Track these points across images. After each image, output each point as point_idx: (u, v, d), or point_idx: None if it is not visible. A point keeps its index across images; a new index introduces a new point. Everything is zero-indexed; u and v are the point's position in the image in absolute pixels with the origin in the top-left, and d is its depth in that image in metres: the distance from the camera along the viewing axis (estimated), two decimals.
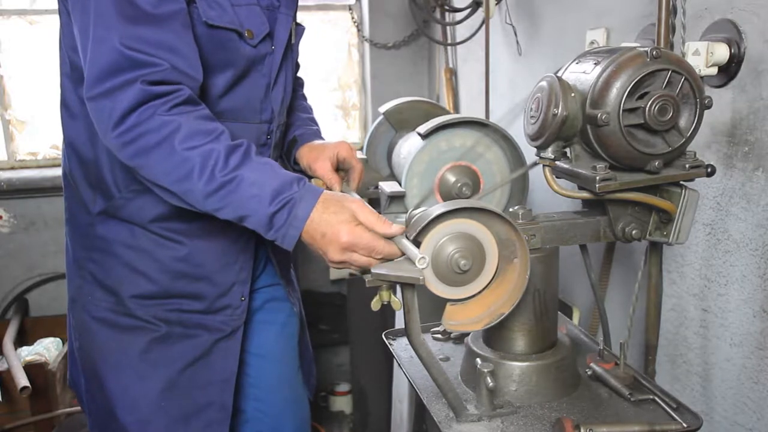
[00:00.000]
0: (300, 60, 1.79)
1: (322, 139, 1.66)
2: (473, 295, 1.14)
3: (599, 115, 1.12)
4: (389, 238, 1.17)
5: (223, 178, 1.18)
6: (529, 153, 1.40)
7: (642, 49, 1.14)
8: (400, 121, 2.15)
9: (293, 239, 1.20)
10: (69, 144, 1.43)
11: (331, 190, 1.50)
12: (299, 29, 1.57)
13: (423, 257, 1.07)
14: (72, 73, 1.36)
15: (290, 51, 1.51)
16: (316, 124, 1.72)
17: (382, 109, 2.18)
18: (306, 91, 1.85)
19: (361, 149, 2.21)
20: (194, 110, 1.23)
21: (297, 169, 1.64)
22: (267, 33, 1.39)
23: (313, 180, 1.60)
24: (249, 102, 1.42)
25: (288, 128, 1.66)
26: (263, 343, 1.66)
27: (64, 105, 1.41)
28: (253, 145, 1.26)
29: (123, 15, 1.17)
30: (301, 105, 1.74)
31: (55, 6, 1.35)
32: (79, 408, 2.40)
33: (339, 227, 1.16)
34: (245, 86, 1.40)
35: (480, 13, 2.59)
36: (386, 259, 1.16)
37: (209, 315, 1.47)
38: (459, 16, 2.79)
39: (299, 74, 1.82)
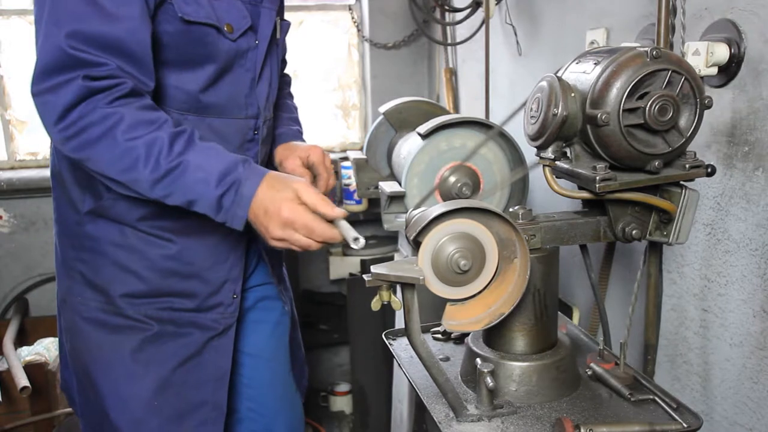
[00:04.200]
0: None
1: (302, 140, 1.67)
2: (473, 295, 1.14)
3: (599, 115, 1.12)
4: (331, 221, 1.19)
5: (168, 164, 1.20)
6: (529, 152, 1.40)
7: (642, 49, 1.14)
8: (400, 121, 2.15)
9: (242, 219, 1.23)
10: None
11: None
12: (284, 24, 1.56)
13: (357, 238, 1.10)
14: None
15: (275, 45, 1.50)
16: (298, 125, 1.73)
17: (382, 109, 2.18)
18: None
19: (361, 149, 2.21)
20: (136, 101, 1.23)
21: (272, 167, 1.65)
22: (249, 27, 1.39)
23: None
24: (233, 97, 1.42)
25: None
26: (256, 342, 1.66)
27: None
28: (196, 130, 1.27)
29: (74, 13, 1.18)
30: (285, 104, 1.74)
31: None
32: None
33: (281, 203, 1.19)
34: (228, 81, 1.40)
35: (480, 13, 2.59)
36: (326, 242, 1.20)
37: (201, 313, 1.47)
38: (459, 16, 2.79)
39: (287, 71, 1.81)
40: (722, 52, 1.43)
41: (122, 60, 1.21)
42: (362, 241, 1.11)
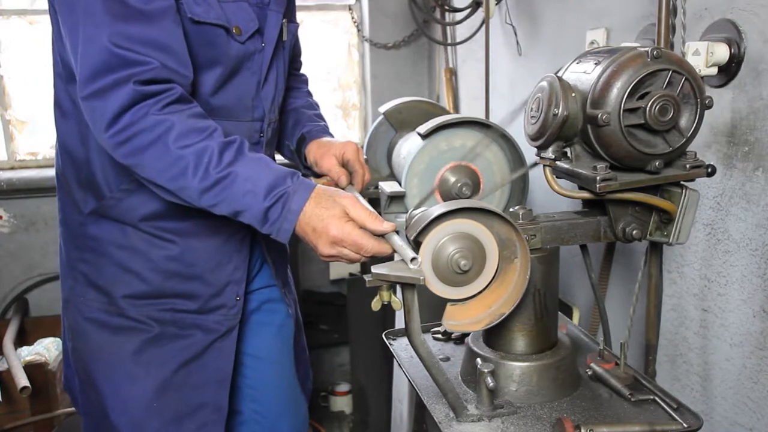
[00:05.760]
0: (303, 57, 1.78)
1: (330, 134, 1.66)
2: (474, 295, 1.14)
3: (600, 115, 1.12)
4: (381, 235, 1.18)
5: (217, 174, 1.20)
6: (529, 153, 1.40)
7: (642, 49, 1.14)
8: (400, 121, 2.15)
9: (287, 233, 1.22)
10: (61, 143, 1.44)
11: (338, 184, 1.50)
12: (292, 27, 1.56)
13: (415, 258, 1.07)
14: (63, 72, 1.36)
15: (281, 48, 1.50)
16: (323, 120, 1.72)
17: (382, 109, 2.18)
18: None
19: (360, 148, 2.21)
20: (186, 108, 1.24)
21: (306, 165, 1.64)
22: (256, 30, 1.39)
23: (322, 177, 1.60)
24: (240, 100, 1.42)
25: (295, 126, 1.67)
26: (260, 344, 1.66)
27: (57, 105, 1.41)
28: (246, 141, 1.27)
29: (111, 13, 1.18)
30: (306, 102, 1.74)
31: None
32: None
33: (329, 222, 1.18)
34: (236, 84, 1.40)
35: (480, 13, 2.60)
36: (376, 256, 1.17)
37: (203, 315, 1.47)
38: (459, 16, 2.79)
39: (303, 71, 1.82)
40: (722, 52, 1.43)
41: (163, 55, 1.21)
42: (420, 260, 1.07)
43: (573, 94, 1.16)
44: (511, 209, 1.24)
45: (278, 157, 1.76)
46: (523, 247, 1.12)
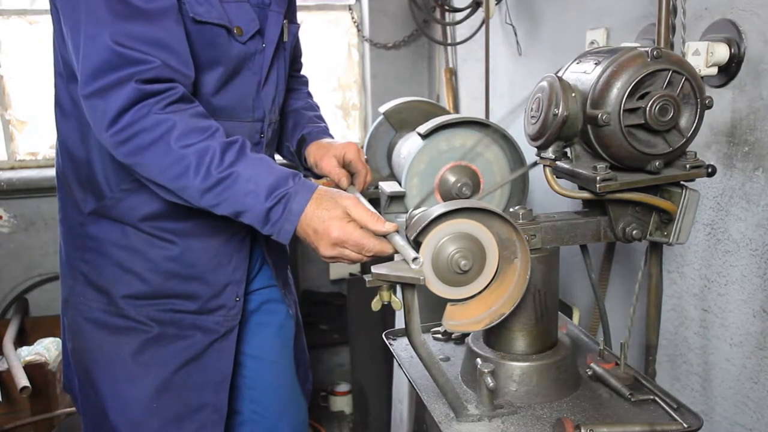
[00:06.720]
0: (303, 58, 1.79)
1: (330, 136, 1.66)
2: (474, 296, 1.14)
3: (600, 116, 1.12)
4: (383, 235, 1.18)
5: (219, 174, 1.19)
6: (529, 153, 1.40)
7: (642, 49, 1.14)
8: (400, 121, 2.15)
9: (288, 233, 1.22)
10: (62, 143, 1.44)
11: (338, 186, 1.50)
12: (293, 28, 1.56)
13: (417, 257, 1.07)
14: (64, 72, 1.36)
15: (282, 49, 1.50)
16: (323, 122, 1.72)
17: (382, 109, 2.18)
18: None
19: (361, 149, 2.21)
20: (188, 108, 1.24)
21: (306, 167, 1.64)
22: (257, 30, 1.39)
23: (322, 178, 1.60)
24: (242, 100, 1.42)
25: (295, 128, 1.67)
26: (260, 344, 1.66)
27: (58, 104, 1.41)
28: (247, 141, 1.27)
29: (114, 12, 1.18)
30: (306, 103, 1.74)
31: None
32: None
33: (330, 223, 1.18)
34: (237, 84, 1.40)
35: (480, 13, 2.60)
36: (378, 256, 1.17)
37: (203, 315, 1.47)
38: (459, 16, 2.79)
39: (303, 72, 1.82)
40: (722, 52, 1.43)
41: (165, 54, 1.21)
42: (421, 260, 1.07)
43: (573, 94, 1.16)
44: (511, 209, 1.24)
45: (278, 157, 1.77)
46: (523, 247, 1.12)
